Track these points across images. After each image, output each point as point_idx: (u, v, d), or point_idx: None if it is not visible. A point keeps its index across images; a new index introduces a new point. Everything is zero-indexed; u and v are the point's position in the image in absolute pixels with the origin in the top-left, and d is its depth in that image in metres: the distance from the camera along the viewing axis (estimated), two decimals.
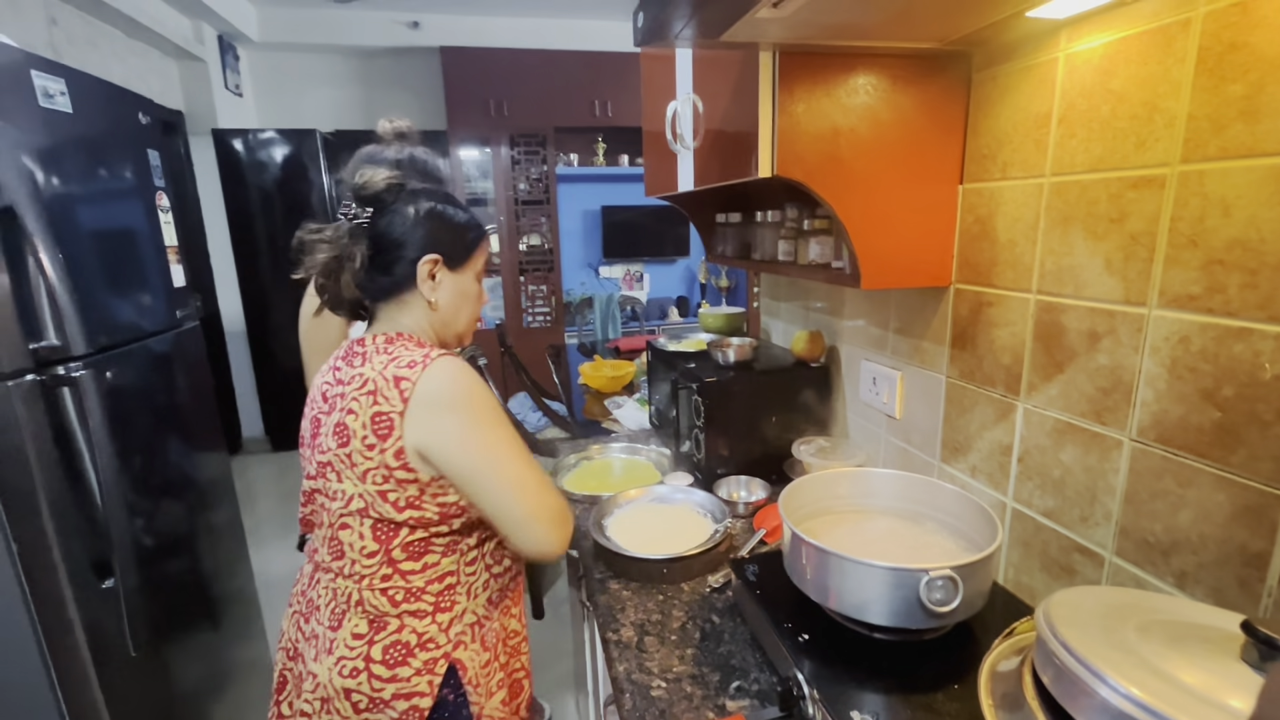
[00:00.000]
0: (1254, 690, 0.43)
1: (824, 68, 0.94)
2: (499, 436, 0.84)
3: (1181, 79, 0.69)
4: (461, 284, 0.94)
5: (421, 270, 0.89)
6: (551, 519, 0.85)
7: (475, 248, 0.95)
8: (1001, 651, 0.58)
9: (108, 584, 1.23)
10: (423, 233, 0.89)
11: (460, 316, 0.96)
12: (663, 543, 1.08)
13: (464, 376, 0.84)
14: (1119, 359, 0.79)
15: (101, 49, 2.93)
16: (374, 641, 0.85)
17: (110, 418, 1.29)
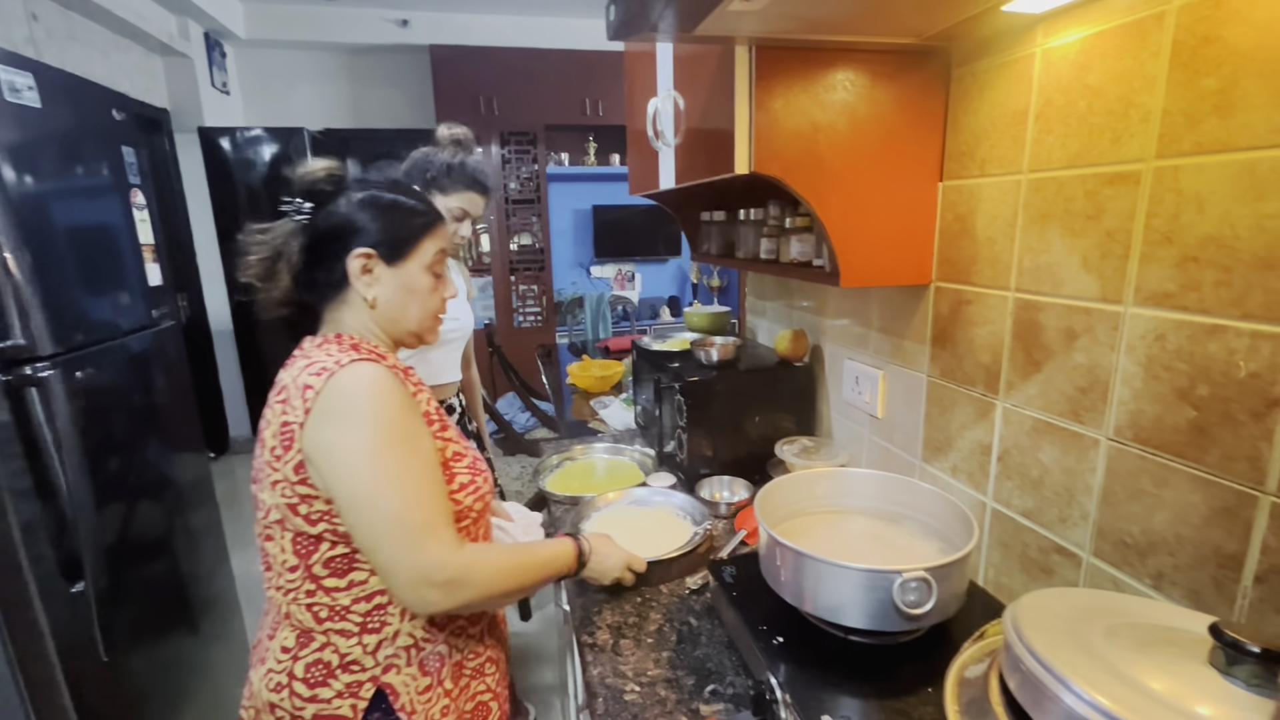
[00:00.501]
0: (1221, 696, 0.42)
1: (801, 63, 0.93)
2: (394, 462, 0.73)
3: (1156, 73, 0.69)
4: (404, 278, 0.85)
5: (352, 266, 0.82)
6: (424, 577, 0.72)
7: (420, 237, 0.85)
8: (971, 655, 0.57)
9: (78, 588, 1.21)
10: (356, 225, 0.82)
11: (408, 313, 0.87)
12: (640, 546, 1.06)
13: (371, 387, 0.75)
14: (1096, 357, 0.78)
15: (83, 44, 2.89)
16: (298, 658, 0.79)
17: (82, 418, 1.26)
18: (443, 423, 0.85)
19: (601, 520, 1.25)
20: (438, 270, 0.88)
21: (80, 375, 1.25)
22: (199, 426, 1.88)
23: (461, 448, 0.87)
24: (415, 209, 0.87)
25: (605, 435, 1.84)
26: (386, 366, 0.78)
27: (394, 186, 0.88)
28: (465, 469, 0.86)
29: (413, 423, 0.77)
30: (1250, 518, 0.63)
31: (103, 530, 1.31)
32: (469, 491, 0.85)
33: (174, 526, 1.67)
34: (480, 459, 0.92)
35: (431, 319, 0.90)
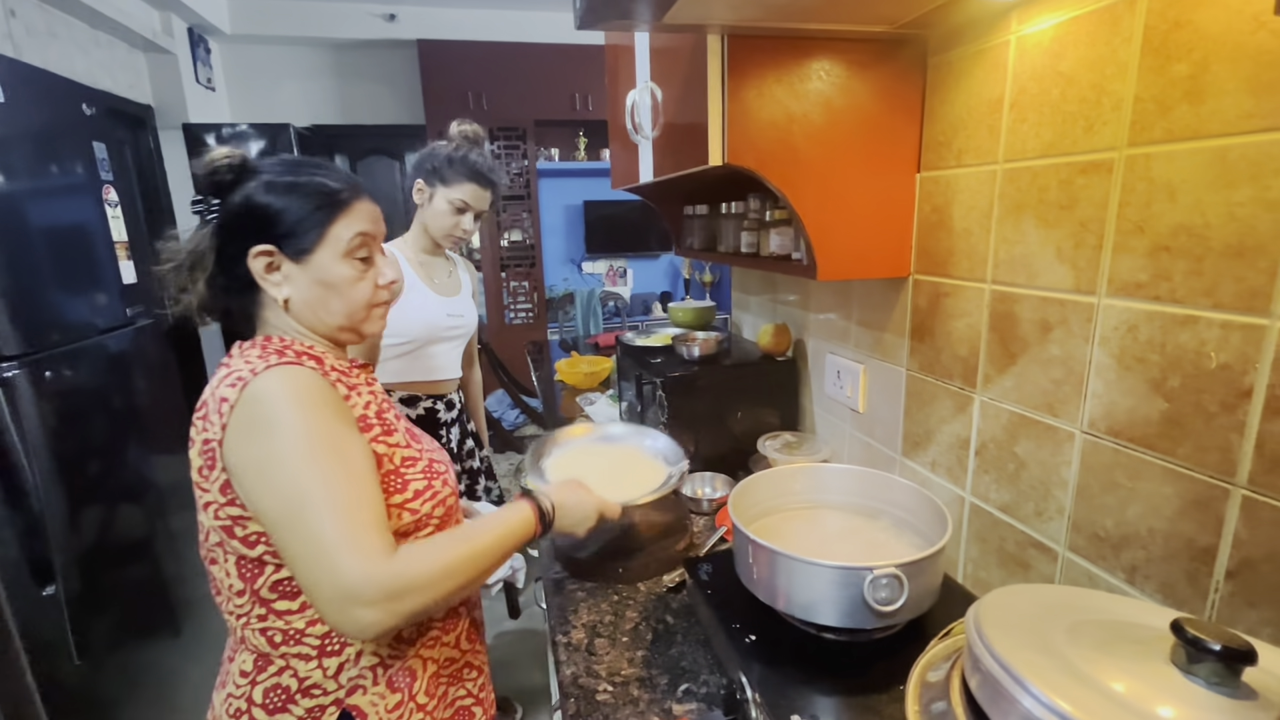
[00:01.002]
0: (1181, 695, 0.41)
1: (775, 52, 0.91)
2: (312, 474, 0.65)
3: (1128, 60, 0.67)
4: (317, 272, 0.75)
5: (254, 266, 0.74)
6: (349, 597, 0.62)
7: (327, 223, 0.75)
8: (936, 654, 0.56)
9: (48, 590, 1.19)
10: (254, 217, 0.74)
11: (331, 309, 0.77)
12: (608, 489, 0.94)
13: (287, 394, 0.67)
14: (1070, 349, 0.77)
15: (64, 41, 2.85)
16: (257, 682, 0.74)
17: (54, 419, 1.25)
18: (386, 427, 0.78)
19: (563, 458, 1.14)
20: (363, 255, 0.78)
21: (50, 375, 1.23)
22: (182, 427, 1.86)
23: (414, 451, 0.80)
24: (320, 188, 0.75)
25: None
26: (310, 369, 0.71)
27: (296, 167, 0.77)
28: (420, 474, 0.79)
29: (338, 428, 0.69)
30: (1222, 511, 0.62)
31: (76, 533, 1.29)
32: (426, 499, 0.78)
33: (155, 529, 1.65)
34: (441, 461, 0.85)
35: (363, 310, 0.79)
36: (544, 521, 0.84)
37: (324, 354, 0.78)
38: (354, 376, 0.80)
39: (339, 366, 0.79)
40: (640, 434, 1.19)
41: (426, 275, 1.53)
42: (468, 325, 1.60)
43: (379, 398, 0.82)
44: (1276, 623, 0.59)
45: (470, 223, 1.51)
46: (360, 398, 0.78)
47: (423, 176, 1.49)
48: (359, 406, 0.76)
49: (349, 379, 0.79)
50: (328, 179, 0.77)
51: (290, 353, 0.73)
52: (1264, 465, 0.58)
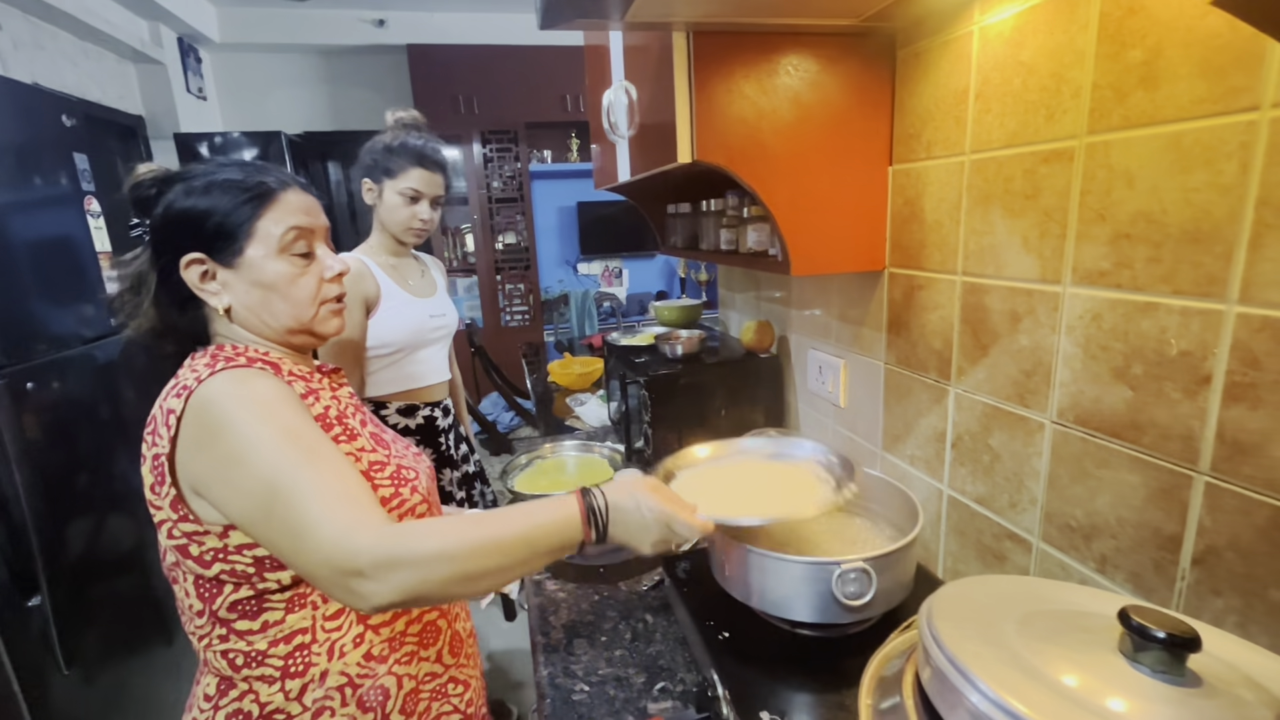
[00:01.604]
0: (1124, 684, 0.41)
1: (741, 48, 0.91)
2: (287, 454, 0.62)
3: (1085, 47, 0.67)
4: (253, 272, 0.72)
5: (188, 278, 0.71)
6: (345, 565, 0.59)
7: (252, 219, 0.71)
8: (895, 647, 0.56)
9: (34, 601, 1.19)
10: (178, 227, 0.71)
11: (275, 311, 0.73)
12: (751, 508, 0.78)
13: (237, 390, 0.65)
14: (1038, 339, 0.77)
15: (51, 53, 2.86)
16: (219, 707, 0.72)
17: (38, 430, 1.25)
18: (348, 432, 0.76)
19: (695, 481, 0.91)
20: (299, 250, 0.74)
21: (32, 386, 1.24)
22: None
23: (381, 456, 0.78)
24: (239, 184, 0.71)
25: (579, 432, 1.82)
26: (260, 370, 0.70)
27: (217, 168, 0.73)
28: (387, 479, 0.76)
29: (297, 419, 0.66)
30: (1186, 498, 0.62)
31: (63, 543, 1.30)
32: (391, 507, 0.75)
33: (146, 539, 1.65)
34: (413, 469, 0.81)
35: (311, 307, 0.75)
36: (595, 525, 0.67)
37: (280, 359, 0.75)
38: (314, 381, 0.78)
39: (298, 372, 0.77)
40: (789, 445, 0.98)
41: (401, 279, 1.50)
42: (450, 324, 1.59)
43: (342, 402, 0.80)
44: (1242, 610, 0.58)
45: (427, 211, 1.46)
46: (320, 402, 0.76)
47: (367, 174, 1.44)
48: (317, 408, 0.74)
49: (309, 383, 0.77)
50: (247, 174, 0.73)
51: (242, 359, 0.71)
52: (1225, 451, 0.58)
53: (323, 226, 0.78)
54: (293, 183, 0.76)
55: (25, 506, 1.16)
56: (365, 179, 1.45)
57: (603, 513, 0.68)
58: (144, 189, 0.72)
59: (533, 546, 0.65)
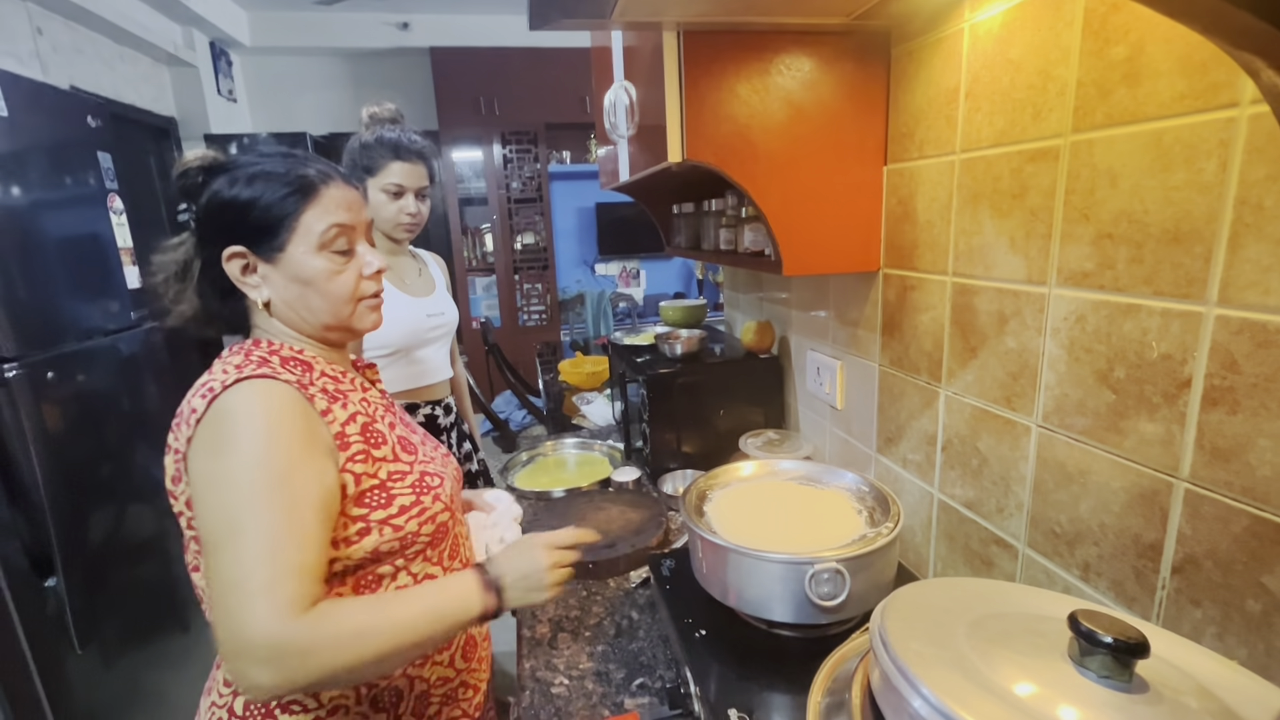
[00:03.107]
0: (1068, 689, 0.40)
1: (732, 47, 0.91)
2: (253, 506, 0.60)
3: (1070, 44, 0.66)
4: (293, 268, 0.72)
5: (230, 270, 0.71)
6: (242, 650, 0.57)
7: (294, 214, 0.71)
8: (853, 647, 0.55)
9: (50, 583, 1.24)
10: (223, 218, 0.71)
11: (313, 307, 0.73)
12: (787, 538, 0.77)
13: (251, 412, 0.64)
14: (1024, 341, 0.75)
15: (89, 57, 2.97)
16: (238, 693, 0.72)
17: (59, 419, 1.30)
18: (372, 441, 0.73)
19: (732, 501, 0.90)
20: (340, 247, 0.74)
21: (53, 376, 1.29)
22: None
23: (405, 465, 0.76)
24: (285, 176, 0.71)
25: (582, 431, 1.83)
26: (285, 382, 0.67)
27: (263, 157, 0.73)
28: (409, 489, 0.74)
29: (296, 456, 0.64)
30: (1166, 505, 0.60)
31: (81, 528, 1.35)
32: (412, 515, 0.73)
33: (165, 527, 1.70)
34: (437, 475, 0.79)
35: (349, 304, 0.75)
36: (496, 592, 0.70)
37: (314, 358, 0.75)
38: (346, 382, 0.77)
39: (330, 372, 0.76)
40: (829, 473, 0.96)
41: (397, 278, 1.48)
42: (449, 322, 1.57)
43: (372, 405, 0.78)
44: (1220, 621, 0.57)
45: (413, 204, 1.44)
46: (345, 410, 0.72)
47: (351, 174, 1.40)
48: (339, 421, 0.71)
49: (340, 384, 0.76)
50: (291, 166, 0.72)
51: (275, 359, 0.71)
52: (1204, 458, 0.56)
53: (364, 222, 0.78)
54: (336, 176, 0.75)
55: (44, 492, 1.20)
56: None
57: (500, 580, 0.72)
58: (191, 176, 0.72)
59: (434, 622, 0.66)
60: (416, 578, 0.76)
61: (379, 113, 1.45)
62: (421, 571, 0.76)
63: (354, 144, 1.43)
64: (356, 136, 1.43)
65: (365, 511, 0.70)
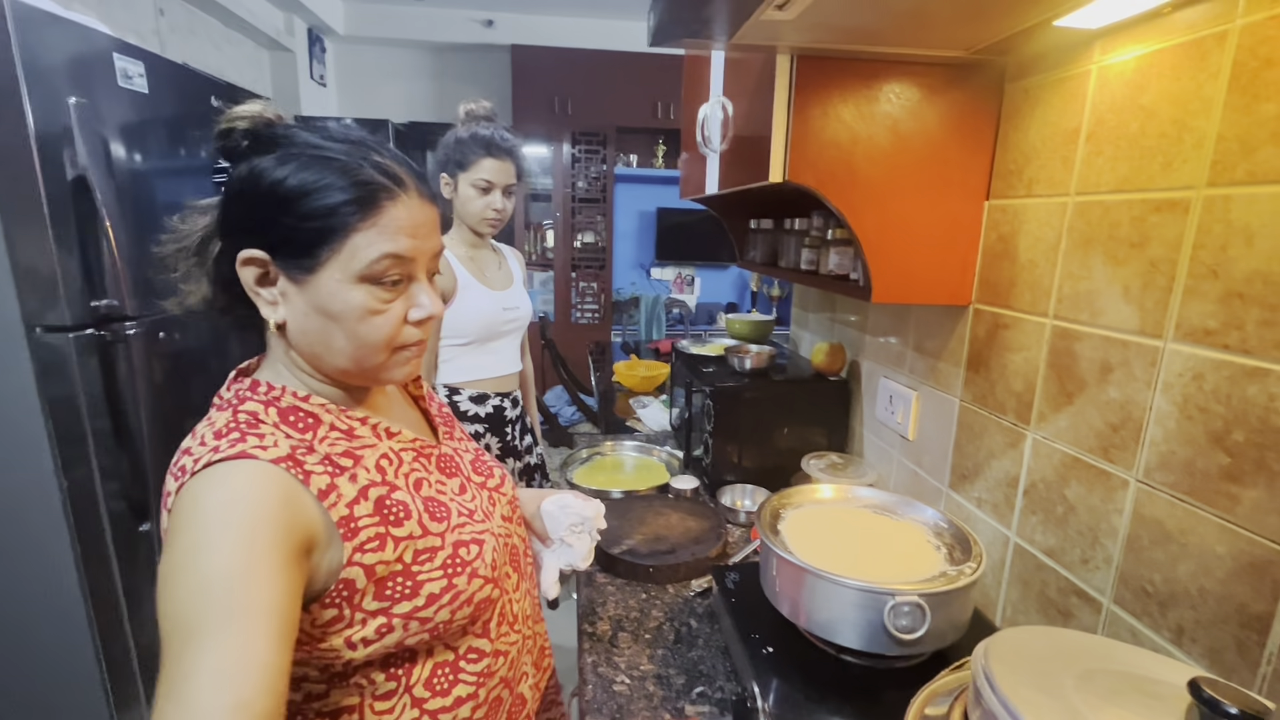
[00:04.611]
0: None
1: (843, 73, 0.92)
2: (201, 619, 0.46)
3: (1214, 96, 0.64)
4: (320, 296, 0.56)
5: (244, 275, 0.56)
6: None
7: (343, 235, 0.55)
8: (943, 685, 0.55)
9: (144, 527, 1.33)
10: (255, 207, 0.55)
11: (333, 348, 0.57)
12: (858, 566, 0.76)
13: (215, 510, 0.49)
14: (1130, 393, 0.74)
15: (201, 38, 3.17)
16: None
17: (160, 376, 1.40)
18: (391, 517, 0.58)
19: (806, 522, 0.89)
20: (390, 279, 0.57)
21: (163, 336, 1.38)
22: None
23: (435, 540, 0.61)
24: (345, 175, 0.55)
25: (639, 434, 1.86)
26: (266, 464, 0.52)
27: (328, 140, 0.57)
28: (438, 570, 0.60)
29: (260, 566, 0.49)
30: (1279, 577, 0.58)
31: None
32: (443, 604, 0.60)
33: None
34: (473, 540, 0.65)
35: (381, 353, 0.59)
36: None
37: (324, 406, 0.61)
38: (362, 435, 0.62)
39: (343, 424, 0.61)
40: (907, 505, 0.95)
41: (478, 271, 1.53)
42: (524, 316, 1.61)
43: (394, 460, 0.63)
44: None
45: (500, 200, 1.48)
46: (354, 484, 0.57)
47: (443, 169, 1.49)
48: (344, 501, 0.56)
49: (354, 440, 0.61)
50: (363, 161, 0.56)
51: (272, 414, 0.57)
52: None
53: (429, 251, 0.61)
54: (411, 185, 0.58)
55: (147, 443, 1.29)
56: (442, 174, 1.50)
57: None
58: (234, 138, 0.56)
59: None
60: (458, 652, 0.65)
61: (475, 110, 1.50)
62: (464, 645, 0.65)
63: (449, 138, 1.49)
64: (452, 131, 1.50)
65: (387, 605, 0.57)
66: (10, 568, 1.25)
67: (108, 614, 1.29)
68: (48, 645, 1.29)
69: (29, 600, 1.27)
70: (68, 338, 1.18)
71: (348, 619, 0.56)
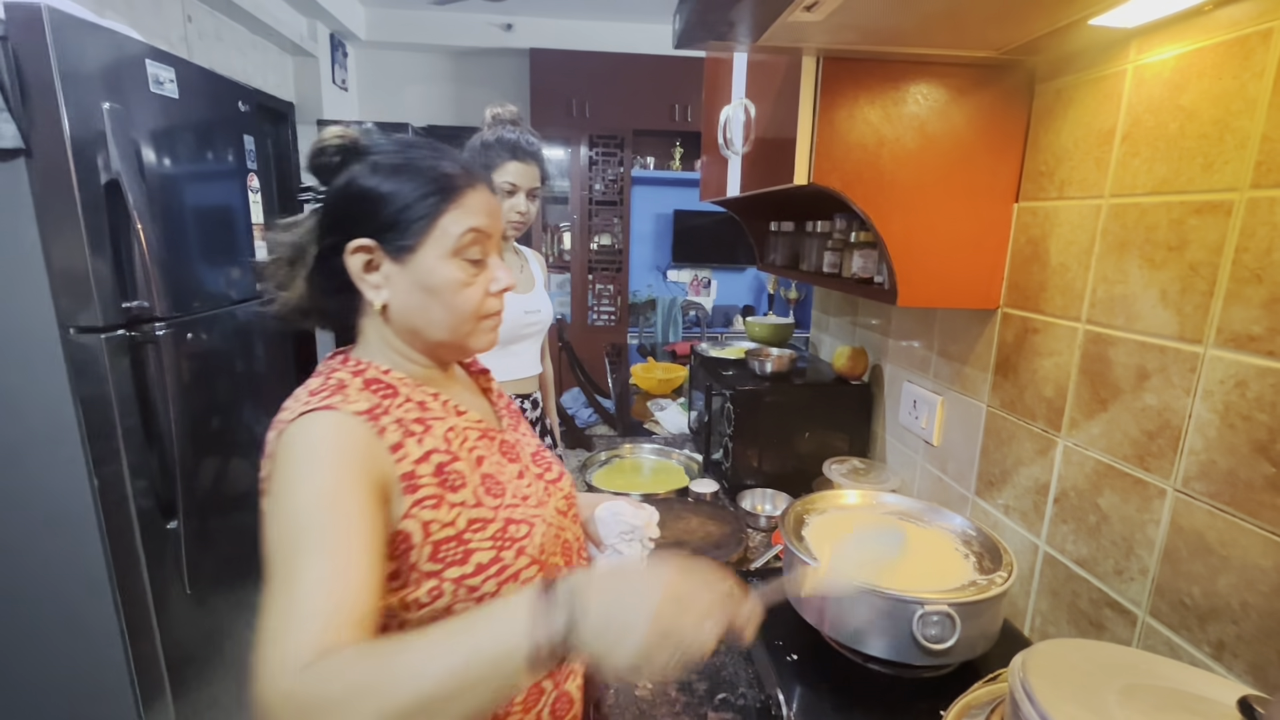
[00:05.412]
0: None
1: (869, 75, 0.91)
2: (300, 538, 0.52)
3: (1258, 96, 0.63)
4: (420, 273, 0.64)
5: (352, 264, 0.64)
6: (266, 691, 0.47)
7: (434, 215, 0.64)
8: (978, 697, 0.54)
9: (171, 525, 1.35)
10: (356, 207, 0.64)
11: (433, 320, 0.66)
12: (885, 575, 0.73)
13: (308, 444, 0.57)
14: (1168, 400, 0.72)
15: (227, 43, 3.22)
16: None
17: (188, 375, 1.42)
18: (449, 483, 0.63)
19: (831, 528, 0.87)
20: (473, 255, 0.66)
21: (190, 337, 1.41)
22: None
23: (488, 511, 0.65)
24: (431, 172, 0.65)
25: (657, 437, 1.85)
26: (351, 415, 0.60)
27: (408, 147, 0.67)
28: (488, 541, 0.64)
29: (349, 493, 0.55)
30: None
31: (197, 477, 1.46)
32: (490, 574, 0.63)
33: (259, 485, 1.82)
34: (526, 521, 0.68)
35: (470, 321, 0.67)
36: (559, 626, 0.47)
37: (403, 380, 0.67)
38: (434, 409, 0.68)
39: (417, 397, 0.67)
40: (934, 512, 0.93)
41: None
42: (544, 319, 1.61)
43: (460, 435, 0.68)
44: None
45: (524, 203, 1.49)
46: (420, 446, 0.63)
47: None
48: (410, 458, 0.62)
49: (426, 412, 0.66)
50: (441, 162, 0.66)
51: (357, 381, 0.64)
52: None
53: (499, 232, 0.70)
54: (481, 180, 0.68)
55: (175, 441, 1.31)
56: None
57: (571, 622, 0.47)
58: (328, 155, 0.66)
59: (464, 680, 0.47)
60: None
61: (501, 114, 1.51)
62: None
63: (475, 142, 1.50)
64: (478, 135, 1.50)
65: (439, 568, 0.61)
66: (41, 562, 1.28)
67: (136, 609, 1.31)
68: (76, 640, 1.32)
69: (59, 594, 1.29)
70: (100, 338, 1.20)
71: (404, 577, 0.60)
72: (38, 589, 1.29)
